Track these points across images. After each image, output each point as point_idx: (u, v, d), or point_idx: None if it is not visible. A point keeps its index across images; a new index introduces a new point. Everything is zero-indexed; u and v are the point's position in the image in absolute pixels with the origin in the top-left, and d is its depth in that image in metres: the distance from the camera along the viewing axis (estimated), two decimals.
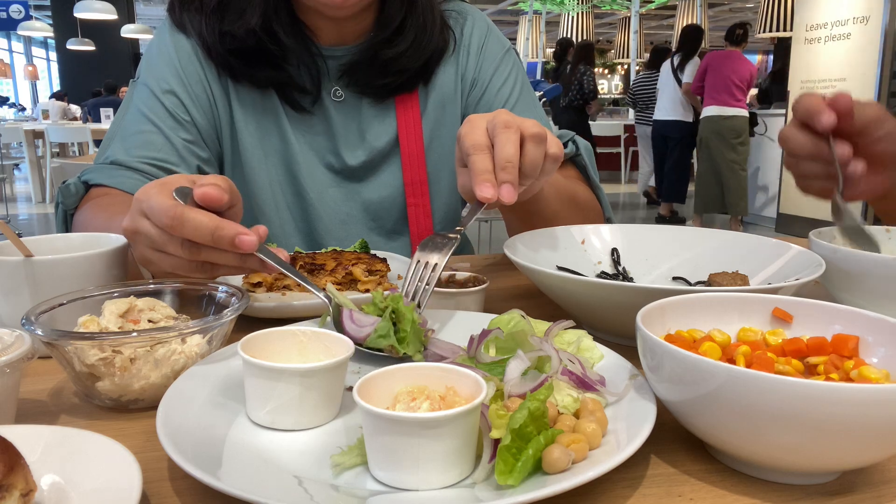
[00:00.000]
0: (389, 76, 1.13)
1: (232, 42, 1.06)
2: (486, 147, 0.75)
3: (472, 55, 1.21)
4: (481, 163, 0.74)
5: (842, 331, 0.57)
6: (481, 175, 0.73)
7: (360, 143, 1.17)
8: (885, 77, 5.58)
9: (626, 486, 0.49)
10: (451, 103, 1.21)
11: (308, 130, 1.16)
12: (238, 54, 1.08)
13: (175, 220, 0.64)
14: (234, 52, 1.08)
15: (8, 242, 0.72)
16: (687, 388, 0.49)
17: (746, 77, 6.25)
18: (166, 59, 1.10)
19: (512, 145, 0.74)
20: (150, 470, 0.49)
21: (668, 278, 0.92)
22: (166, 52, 1.11)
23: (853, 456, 0.47)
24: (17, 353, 0.55)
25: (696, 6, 11.12)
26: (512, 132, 0.75)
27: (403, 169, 1.19)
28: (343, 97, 1.16)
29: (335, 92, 1.15)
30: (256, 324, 0.78)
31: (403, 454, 0.46)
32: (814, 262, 0.77)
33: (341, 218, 1.18)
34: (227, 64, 1.09)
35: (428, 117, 1.19)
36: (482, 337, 0.59)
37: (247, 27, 1.04)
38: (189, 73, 1.10)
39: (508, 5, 13.98)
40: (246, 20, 1.04)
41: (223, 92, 1.12)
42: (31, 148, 8.54)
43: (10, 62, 21.34)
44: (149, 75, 1.10)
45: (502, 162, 0.74)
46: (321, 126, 1.16)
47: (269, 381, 0.54)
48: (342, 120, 1.16)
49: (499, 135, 0.75)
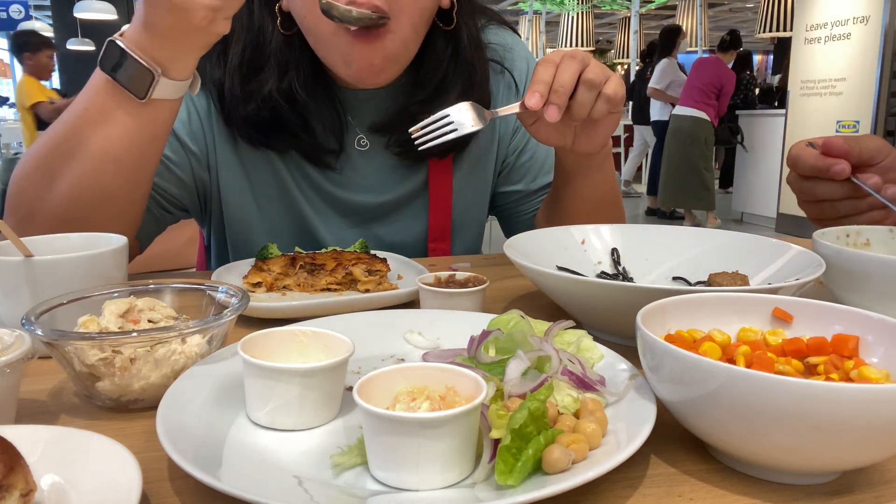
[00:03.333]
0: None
1: (251, 109, 1.01)
2: (553, 63, 0.84)
3: (504, 99, 1.17)
4: (542, 73, 0.83)
5: (842, 331, 0.57)
6: (537, 85, 0.83)
7: (384, 187, 1.12)
8: (885, 77, 5.58)
9: (626, 486, 0.49)
10: (488, 153, 1.18)
11: (326, 179, 1.11)
12: (255, 123, 1.02)
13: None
14: (249, 119, 1.02)
15: (8, 242, 0.72)
16: (687, 388, 0.49)
17: (712, 83, 6.49)
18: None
19: (569, 74, 0.82)
20: (150, 470, 0.49)
21: (668, 278, 0.92)
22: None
23: (853, 456, 0.47)
24: (17, 353, 0.54)
25: (696, 6, 11.10)
26: (575, 62, 0.83)
27: (430, 215, 1.15)
28: (367, 146, 1.11)
29: (359, 141, 1.10)
30: (256, 324, 0.78)
31: (403, 454, 0.46)
32: (814, 262, 0.77)
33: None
34: (245, 133, 1.04)
35: (461, 164, 1.16)
36: (482, 338, 0.59)
37: (263, 93, 0.99)
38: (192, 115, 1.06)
39: (508, 5, 13.97)
40: (262, 81, 0.99)
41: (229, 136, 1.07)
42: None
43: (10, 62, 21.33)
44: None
45: (555, 85, 0.82)
46: (343, 175, 1.11)
47: (269, 381, 0.54)
48: (366, 168, 1.11)
49: (563, 62, 0.83)
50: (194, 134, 1.07)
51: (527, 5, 13.13)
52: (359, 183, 1.11)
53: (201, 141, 1.07)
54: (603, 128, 0.92)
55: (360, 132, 1.10)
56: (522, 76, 1.19)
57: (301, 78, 1.01)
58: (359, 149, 1.11)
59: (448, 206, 1.15)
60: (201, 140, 1.07)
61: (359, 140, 1.10)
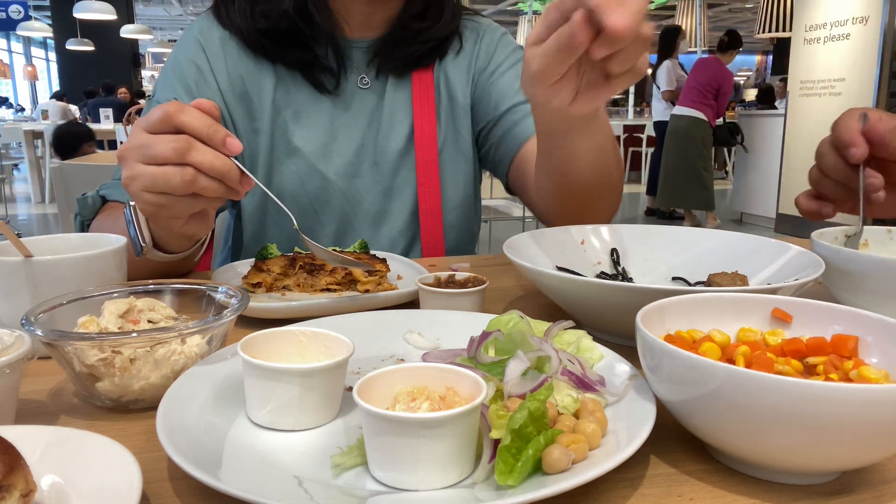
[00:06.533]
0: (416, 45, 1.20)
1: (265, 23, 1.12)
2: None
3: (482, 52, 1.28)
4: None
5: (841, 331, 0.57)
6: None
7: (382, 127, 1.22)
8: (885, 77, 5.58)
9: (626, 486, 0.49)
10: (463, 96, 1.26)
11: (343, 113, 1.21)
12: (269, 35, 1.13)
13: (177, 107, 0.71)
14: (265, 32, 1.13)
15: (7, 243, 0.72)
16: (687, 388, 0.49)
17: (710, 83, 6.50)
18: (179, 76, 1.13)
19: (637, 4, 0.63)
20: (150, 470, 0.49)
21: (667, 278, 0.92)
22: (179, 70, 1.14)
23: (853, 456, 0.47)
24: (16, 353, 0.54)
25: (696, 6, 11.10)
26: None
27: (416, 148, 1.23)
28: (369, 84, 1.21)
29: (361, 79, 1.21)
30: (256, 324, 0.78)
31: (403, 454, 0.46)
32: (813, 262, 0.77)
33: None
34: (260, 45, 1.15)
35: (440, 108, 1.25)
36: (482, 338, 0.59)
37: (280, 8, 1.10)
38: (206, 71, 1.14)
39: (508, 5, 13.97)
40: (280, 1, 1.10)
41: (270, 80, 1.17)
42: (30, 148, 8.53)
43: (10, 62, 21.33)
44: (162, 94, 1.13)
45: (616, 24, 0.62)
46: (349, 111, 1.21)
47: (269, 381, 0.54)
48: (366, 106, 1.21)
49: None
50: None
51: (526, 5, 13.13)
52: (364, 120, 1.21)
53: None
54: (610, 88, 0.74)
55: (363, 71, 1.21)
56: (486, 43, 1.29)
57: (316, 3, 1.12)
58: (361, 87, 1.21)
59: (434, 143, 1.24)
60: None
61: (361, 78, 1.21)
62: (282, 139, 1.18)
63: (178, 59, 1.16)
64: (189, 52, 1.15)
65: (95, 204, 1.04)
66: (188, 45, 1.16)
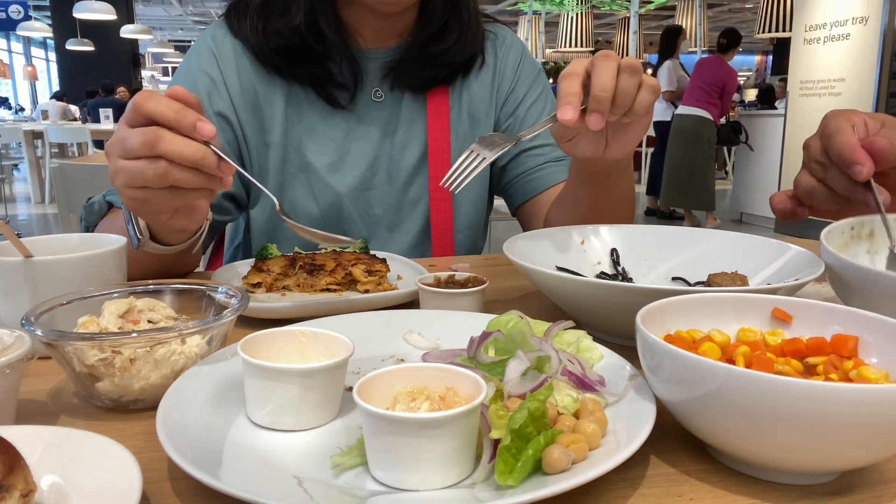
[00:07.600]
0: (435, 69, 1.17)
1: (277, 40, 1.10)
2: (578, 75, 0.79)
3: (507, 72, 1.26)
4: (568, 87, 0.79)
5: (841, 331, 0.57)
6: (565, 98, 0.78)
7: (396, 142, 1.20)
8: (885, 77, 5.57)
9: (626, 487, 0.49)
10: (486, 116, 1.24)
11: (356, 127, 1.19)
12: (282, 52, 1.11)
13: (145, 95, 0.71)
14: (277, 50, 1.11)
15: (7, 243, 0.72)
16: (687, 388, 0.49)
17: (714, 82, 6.49)
18: (192, 85, 1.12)
19: (609, 73, 0.77)
20: (150, 470, 0.49)
21: (667, 278, 0.92)
22: (192, 79, 1.13)
23: (853, 456, 0.47)
24: (16, 353, 0.54)
25: (696, 6, 11.10)
26: (610, 61, 0.78)
27: (430, 164, 1.21)
28: (383, 98, 1.19)
29: (375, 93, 1.18)
30: (256, 324, 0.78)
31: (403, 454, 0.46)
32: (813, 262, 0.77)
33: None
34: (273, 62, 1.13)
35: (457, 125, 1.22)
36: (482, 338, 0.59)
37: (291, 25, 1.08)
38: (217, 79, 1.13)
39: (508, 5, 13.98)
40: (291, 18, 1.08)
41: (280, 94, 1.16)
42: (30, 148, 8.53)
43: (10, 63, 21.33)
44: None
45: (596, 90, 0.77)
46: (363, 125, 1.19)
47: (269, 381, 0.54)
48: (380, 120, 1.19)
49: (597, 64, 0.78)
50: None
51: (526, 5, 13.13)
52: (375, 134, 1.19)
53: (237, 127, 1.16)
54: (636, 130, 0.86)
55: (377, 85, 1.18)
56: (510, 57, 1.27)
57: (325, 15, 1.10)
58: (375, 100, 1.19)
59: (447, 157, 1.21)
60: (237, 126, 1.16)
61: (375, 92, 1.18)
62: (294, 153, 1.16)
63: (191, 68, 1.14)
64: (202, 62, 1.13)
65: (102, 209, 1.04)
66: (201, 54, 1.14)
